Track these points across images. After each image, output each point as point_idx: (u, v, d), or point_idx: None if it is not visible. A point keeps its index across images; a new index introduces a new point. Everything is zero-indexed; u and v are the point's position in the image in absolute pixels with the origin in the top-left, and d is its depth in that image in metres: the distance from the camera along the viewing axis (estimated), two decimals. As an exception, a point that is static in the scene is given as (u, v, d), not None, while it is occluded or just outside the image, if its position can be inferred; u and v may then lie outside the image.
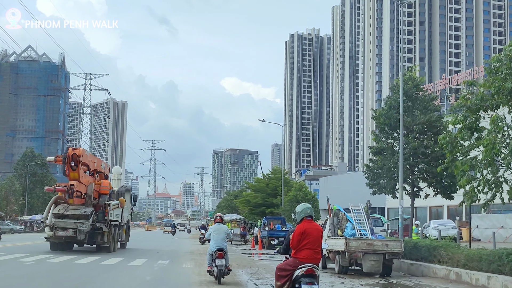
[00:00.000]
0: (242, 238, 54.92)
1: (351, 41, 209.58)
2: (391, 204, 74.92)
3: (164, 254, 30.95)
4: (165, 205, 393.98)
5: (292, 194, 54.82)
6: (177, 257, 29.61)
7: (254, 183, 75.51)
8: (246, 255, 35.52)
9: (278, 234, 42.63)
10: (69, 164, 27.85)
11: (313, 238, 9.73)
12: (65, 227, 27.59)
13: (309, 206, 10.15)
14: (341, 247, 21.80)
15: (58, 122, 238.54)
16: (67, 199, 28.29)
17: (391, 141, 29.75)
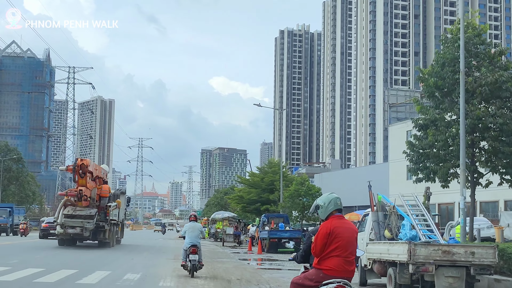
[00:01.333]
0: (236, 239, 47.08)
1: (343, 36, 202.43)
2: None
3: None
4: (153, 204, 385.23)
5: (293, 188, 46.96)
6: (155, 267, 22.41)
7: (247, 178, 67.45)
8: (245, 261, 27.76)
9: (282, 234, 34.85)
10: (78, 173, 32.59)
11: (345, 241, 6.76)
12: (74, 226, 31.99)
13: (337, 196, 6.96)
14: (400, 257, 14.18)
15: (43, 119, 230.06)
16: (77, 201, 32.89)
17: (441, 111, 21.88)
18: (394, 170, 71.03)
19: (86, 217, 32.22)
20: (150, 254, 29.80)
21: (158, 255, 29.82)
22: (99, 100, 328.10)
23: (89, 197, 33.35)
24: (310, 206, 49.99)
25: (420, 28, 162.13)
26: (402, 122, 71.56)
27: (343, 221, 6.99)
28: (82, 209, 32.75)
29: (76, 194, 32.71)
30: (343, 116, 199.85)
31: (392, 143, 73.68)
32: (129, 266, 22.11)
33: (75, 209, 32.64)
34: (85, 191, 32.81)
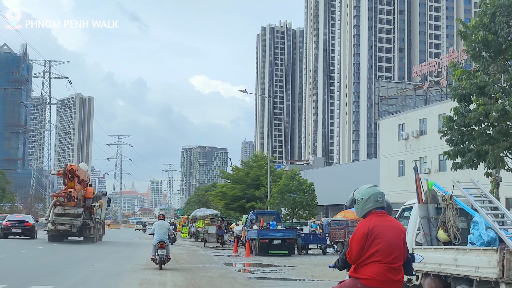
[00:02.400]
0: (219, 239, 41.86)
1: (325, 33, 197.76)
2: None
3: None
4: (133, 203, 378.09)
5: (283, 183, 41.85)
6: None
7: (231, 172, 62.09)
8: (232, 267, 22.65)
9: (273, 234, 29.65)
10: (67, 177, 36.21)
11: (387, 243, 5.44)
12: (63, 223, 35.40)
13: (380, 191, 5.64)
14: (481, 271, 9.24)
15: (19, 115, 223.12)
16: (66, 202, 36.10)
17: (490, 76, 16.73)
18: (385, 166, 66.41)
19: (74, 215, 35.98)
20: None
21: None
22: (78, 97, 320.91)
23: (76, 198, 36.94)
24: (301, 203, 45.28)
25: (405, 24, 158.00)
26: (394, 115, 66.93)
27: (385, 218, 5.60)
28: (70, 208, 36.32)
29: (65, 195, 36.44)
30: (325, 114, 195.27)
31: (383, 137, 69.13)
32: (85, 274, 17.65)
33: (64, 208, 36.19)
34: (74, 193, 36.53)
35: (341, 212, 43.50)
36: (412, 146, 61.53)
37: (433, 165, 58.78)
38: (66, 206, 36.21)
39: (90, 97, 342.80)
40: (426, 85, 65.58)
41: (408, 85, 75.52)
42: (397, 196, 62.78)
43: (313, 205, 41.39)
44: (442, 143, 57.84)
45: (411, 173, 62.11)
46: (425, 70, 65.84)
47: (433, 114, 59.46)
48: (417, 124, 61.54)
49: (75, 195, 36.61)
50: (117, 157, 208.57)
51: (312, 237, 31.83)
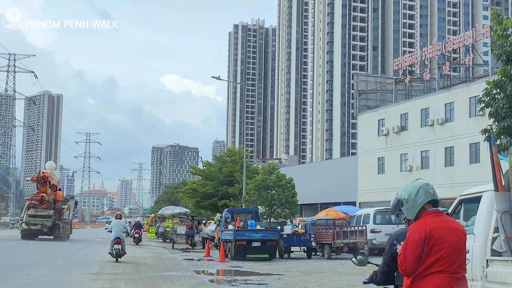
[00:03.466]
0: (189, 240, 37.36)
1: (298, 31, 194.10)
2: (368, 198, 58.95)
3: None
4: (102, 202, 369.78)
5: (260, 178, 37.47)
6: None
7: (203, 168, 57.38)
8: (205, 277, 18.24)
9: (252, 235, 25.24)
10: (40, 182, 40.66)
11: (450, 248, 4.49)
12: (36, 223, 39.83)
13: (426, 182, 4.72)
14: None
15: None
16: (38, 204, 40.49)
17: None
18: (363, 163, 62.64)
19: (45, 216, 39.82)
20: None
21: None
22: (46, 94, 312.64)
23: (47, 201, 40.51)
24: (280, 200, 41.02)
25: (379, 22, 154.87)
26: (374, 110, 63.16)
27: (443, 218, 4.57)
28: (42, 210, 40.16)
29: (38, 199, 40.26)
30: (298, 113, 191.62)
31: (362, 133, 65.37)
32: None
33: (36, 210, 40.14)
34: (45, 197, 40.23)
35: (323, 211, 39.39)
36: (392, 142, 57.97)
37: (415, 162, 55.23)
38: (38, 208, 40.54)
39: (59, 94, 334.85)
40: (408, 78, 61.81)
41: (388, 79, 71.79)
42: (377, 195, 59.21)
43: (293, 203, 37.15)
44: (424, 139, 54.26)
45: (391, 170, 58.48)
46: (407, 62, 62.01)
47: (415, 108, 55.95)
48: (398, 119, 58.02)
49: (46, 198, 40.66)
50: (85, 155, 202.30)
51: (296, 239, 27.52)
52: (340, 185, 73.02)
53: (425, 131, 53.74)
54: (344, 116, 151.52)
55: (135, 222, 52.09)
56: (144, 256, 27.44)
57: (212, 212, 50.70)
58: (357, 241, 26.26)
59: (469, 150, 49.13)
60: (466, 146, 49.28)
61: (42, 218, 39.95)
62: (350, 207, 41.90)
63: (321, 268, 21.46)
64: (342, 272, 19.70)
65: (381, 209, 29.77)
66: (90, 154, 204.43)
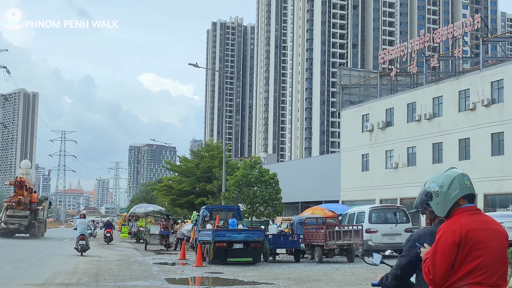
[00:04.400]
0: (163, 241, 33.90)
1: (277, 29, 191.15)
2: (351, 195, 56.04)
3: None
4: (78, 202, 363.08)
5: (241, 173, 34.09)
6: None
7: (179, 163, 53.70)
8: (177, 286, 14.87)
9: (234, 236, 21.90)
10: (18, 186, 44.20)
11: (491, 255, 3.74)
12: (14, 223, 43.32)
13: (462, 172, 3.87)
14: None
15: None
16: (16, 206, 43.90)
17: None
18: (347, 160, 59.79)
19: (22, 217, 43.25)
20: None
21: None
22: (21, 92, 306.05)
23: (24, 203, 43.90)
24: (263, 197, 37.67)
25: (359, 19, 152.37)
26: (357, 105, 60.28)
27: (481, 217, 3.83)
28: (19, 211, 43.53)
29: (16, 201, 43.81)
30: (276, 111, 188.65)
31: (346, 129, 62.60)
32: None
33: (14, 211, 43.51)
34: (22, 199, 43.72)
35: (308, 209, 36.11)
36: (377, 139, 55.22)
37: (401, 159, 52.52)
38: (16, 209, 43.97)
39: (34, 92, 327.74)
40: (394, 71, 58.88)
41: (372, 73, 68.92)
42: (360, 193, 56.32)
43: (277, 200, 33.83)
44: (411, 135, 51.51)
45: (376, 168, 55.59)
46: (393, 55, 59.12)
47: (401, 103, 53.27)
48: (383, 115, 55.31)
49: (23, 200, 44.24)
50: (60, 154, 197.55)
51: (283, 240, 24.21)
52: (322, 183, 70.49)
53: (412, 127, 51.17)
54: (324, 114, 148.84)
55: (106, 221, 49.10)
56: (110, 259, 24.01)
57: (188, 211, 47.27)
58: (352, 242, 23.08)
59: (459, 146, 46.70)
60: (455, 142, 46.81)
61: (19, 218, 43.70)
62: (337, 205, 38.80)
63: (315, 274, 18.20)
64: (342, 280, 16.46)
65: (377, 207, 26.67)
66: (65, 152, 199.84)
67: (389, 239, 24.99)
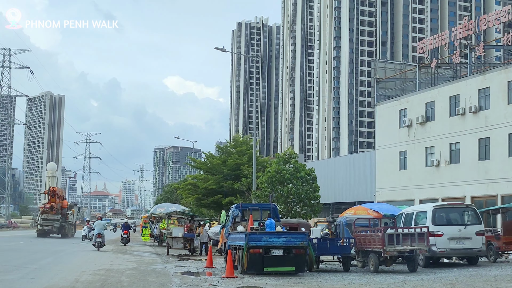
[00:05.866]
0: (187, 245, 29.83)
1: (303, 28, 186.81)
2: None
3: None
4: (103, 204, 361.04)
5: (273, 169, 29.80)
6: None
7: (204, 160, 49.47)
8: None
9: (272, 240, 17.68)
10: (50, 194, 52.38)
11: None
12: (47, 225, 50.43)
13: None
14: None
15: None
16: (49, 211, 51.39)
17: None
18: (382, 158, 55.10)
19: (54, 220, 50.50)
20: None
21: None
22: (48, 95, 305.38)
23: (56, 208, 51.11)
24: (299, 195, 33.35)
25: (388, 16, 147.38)
26: (394, 99, 55.64)
27: None
28: (52, 215, 50.85)
29: (49, 207, 51.25)
30: (303, 112, 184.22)
31: (381, 125, 57.79)
32: None
33: (48, 215, 50.94)
34: (54, 205, 51.11)
35: (349, 210, 31.81)
36: (416, 135, 50.47)
37: (443, 156, 47.63)
38: (49, 214, 51.16)
39: (60, 95, 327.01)
40: (435, 62, 54.10)
41: (408, 65, 64.34)
42: (398, 193, 51.68)
43: (315, 199, 29.49)
44: (453, 130, 46.69)
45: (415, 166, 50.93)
46: (433, 45, 54.41)
47: (442, 96, 48.44)
48: (422, 109, 50.47)
49: (55, 206, 51.41)
50: (85, 156, 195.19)
51: (330, 245, 19.94)
52: (355, 183, 66.23)
53: (455, 121, 46.36)
54: (352, 113, 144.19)
55: (123, 223, 48.57)
56: (122, 267, 19.98)
57: (215, 212, 43.19)
58: (415, 248, 18.76)
59: (508, 141, 41.89)
60: (504, 137, 41.97)
61: (52, 221, 50.68)
62: (381, 205, 34.31)
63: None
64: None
65: (441, 205, 22.26)
66: (90, 154, 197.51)
67: (457, 244, 20.64)
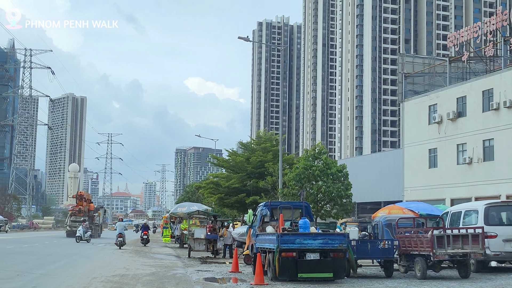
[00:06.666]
0: (210, 247, 27.74)
1: (325, 27, 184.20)
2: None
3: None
4: (125, 205, 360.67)
5: (302, 165, 27.53)
6: None
7: (226, 157, 47.20)
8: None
9: (307, 242, 15.44)
10: (78, 198, 57.85)
11: None
12: (76, 226, 51.89)
13: None
14: None
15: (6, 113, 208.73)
16: (77, 213, 56.16)
17: None
18: (411, 156, 52.55)
19: (82, 221, 51.14)
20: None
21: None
22: (70, 97, 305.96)
23: (83, 211, 56.13)
24: (330, 193, 30.80)
25: (411, 13, 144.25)
26: (423, 95, 53.10)
27: None
28: (80, 217, 54.64)
29: (77, 210, 56.49)
30: (324, 111, 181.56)
31: (409, 121, 55.24)
32: None
33: (76, 217, 55.44)
34: (82, 208, 56.25)
35: (383, 209, 29.51)
36: (447, 131, 47.87)
37: (476, 153, 45.02)
38: (77, 216, 55.39)
39: (82, 97, 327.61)
40: (466, 55, 51.42)
41: (437, 59, 61.71)
42: (428, 192, 49.17)
43: (347, 198, 27.17)
44: (487, 126, 43.97)
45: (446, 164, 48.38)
46: (464, 37, 51.76)
47: (475, 90, 45.81)
48: (453, 104, 47.83)
49: (83, 209, 56.12)
50: (107, 156, 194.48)
51: (371, 248, 17.67)
52: (381, 183, 63.82)
53: (488, 116, 43.77)
54: (375, 112, 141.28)
55: (142, 224, 47.85)
56: (139, 272, 17.90)
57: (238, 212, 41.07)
58: (469, 251, 16.45)
59: (546, 137, 39.49)
60: (542, 132, 39.62)
61: (80, 223, 52.34)
62: (418, 204, 31.92)
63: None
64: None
65: (494, 203, 19.75)
66: (112, 155, 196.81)
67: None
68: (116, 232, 34.97)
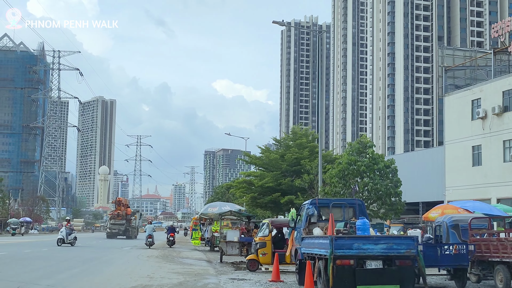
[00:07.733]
0: (244, 251, 24.94)
1: (354, 26, 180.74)
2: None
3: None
4: (155, 207, 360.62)
5: (346, 160, 24.55)
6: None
7: (259, 155, 44.15)
8: None
9: (368, 248, 12.50)
10: (117, 203, 63.28)
11: None
12: (115, 228, 60.50)
13: None
14: None
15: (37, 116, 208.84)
16: (116, 217, 61.30)
17: None
18: (453, 153, 49.05)
19: (120, 224, 60.71)
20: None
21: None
22: (100, 100, 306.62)
23: (121, 215, 61.27)
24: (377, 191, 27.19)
25: (444, 10, 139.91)
26: (465, 89, 49.70)
27: None
28: (118, 221, 61.12)
29: (116, 214, 61.69)
30: (355, 111, 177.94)
31: (451, 117, 51.77)
32: None
33: (115, 220, 61.39)
34: (120, 212, 61.37)
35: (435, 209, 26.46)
36: (492, 127, 44.44)
37: (525, 150, 41.72)
38: (116, 219, 61.06)
39: (112, 99, 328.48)
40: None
41: (479, 52, 58.24)
42: (472, 192, 45.79)
43: (397, 196, 24.15)
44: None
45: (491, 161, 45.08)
46: (510, 27, 48.29)
47: (523, 83, 42.60)
48: (499, 98, 44.32)
49: (121, 213, 61.01)
50: (136, 158, 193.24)
51: (441, 253, 14.66)
52: (420, 182, 60.37)
53: (538, 110, 40.60)
54: (408, 112, 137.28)
55: (169, 226, 45.56)
56: (165, 282, 15.14)
57: (272, 212, 38.27)
58: None
59: None
60: None
61: (118, 225, 60.33)
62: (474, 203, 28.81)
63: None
64: None
65: None
66: (141, 157, 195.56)
67: None
68: (145, 233, 38.57)
